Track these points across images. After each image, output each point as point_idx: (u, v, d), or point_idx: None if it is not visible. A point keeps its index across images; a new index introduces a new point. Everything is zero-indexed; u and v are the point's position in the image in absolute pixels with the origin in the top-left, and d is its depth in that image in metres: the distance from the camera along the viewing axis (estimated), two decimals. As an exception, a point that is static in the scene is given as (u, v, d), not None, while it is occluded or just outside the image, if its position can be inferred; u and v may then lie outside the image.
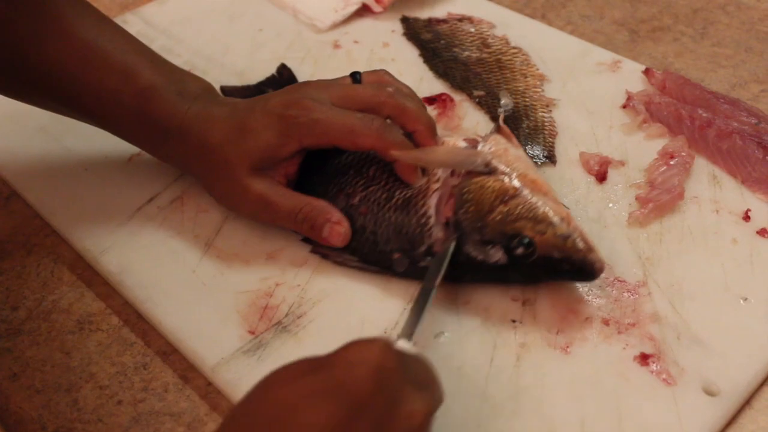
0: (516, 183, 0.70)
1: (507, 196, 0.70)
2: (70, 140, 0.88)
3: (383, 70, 0.80)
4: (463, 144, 0.76)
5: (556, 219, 0.68)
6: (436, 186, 0.72)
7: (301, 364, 0.54)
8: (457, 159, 0.73)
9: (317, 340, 0.69)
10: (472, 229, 0.69)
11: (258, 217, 0.77)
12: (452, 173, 0.73)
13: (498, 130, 0.77)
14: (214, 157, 0.75)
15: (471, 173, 0.72)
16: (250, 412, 0.52)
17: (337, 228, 0.74)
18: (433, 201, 0.72)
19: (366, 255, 0.73)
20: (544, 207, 0.69)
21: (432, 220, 0.71)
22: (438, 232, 0.71)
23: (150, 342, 0.72)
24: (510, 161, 0.72)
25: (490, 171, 0.71)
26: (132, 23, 1.06)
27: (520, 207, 0.69)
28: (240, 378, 0.66)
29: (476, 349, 0.68)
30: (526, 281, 0.71)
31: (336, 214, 0.74)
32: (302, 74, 0.96)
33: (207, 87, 0.79)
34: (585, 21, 1.05)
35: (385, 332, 0.69)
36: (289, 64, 0.97)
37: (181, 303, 0.72)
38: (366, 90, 0.76)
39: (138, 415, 0.67)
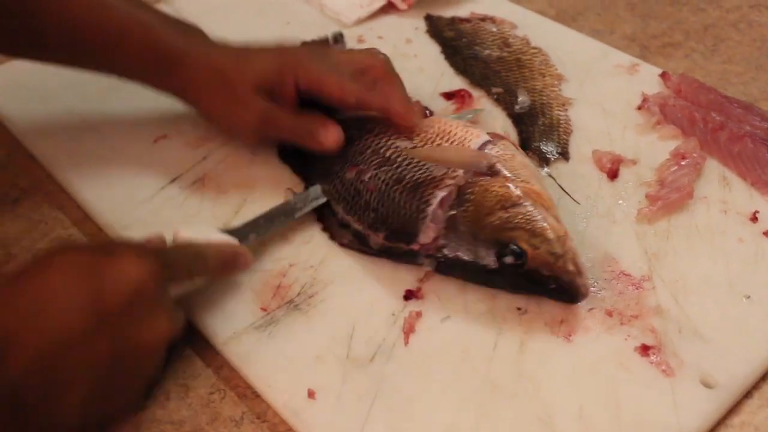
0: (520, 192, 0.70)
1: (509, 203, 0.70)
2: (98, 122, 0.90)
3: (376, 49, 0.86)
4: (485, 138, 0.76)
5: (552, 236, 0.68)
6: (451, 182, 0.72)
7: (80, 255, 0.60)
8: (462, 159, 0.74)
9: (327, 318, 0.70)
10: (467, 229, 0.70)
11: (258, 131, 0.82)
12: (468, 173, 0.73)
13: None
14: (218, 78, 0.80)
15: (477, 174, 0.72)
16: (19, 284, 0.58)
17: (331, 135, 0.80)
18: (441, 193, 0.72)
19: (364, 230, 0.75)
20: (544, 222, 0.69)
21: (430, 209, 0.71)
22: (430, 222, 0.71)
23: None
24: (515, 167, 0.73)
25: (493, 174, 0.72)
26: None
27: (520, 217, 0.69)
28: (250, 352, 0.68)
29: (481, 334, 0.69)
30: (511, 289, 0.71)
31: (331, 123, 0.81)
32: (326, 66, 0.97)
33: (203, 32, 0.84)
34: (596, 35, 1.05)
35: (392, 315, 0.70)
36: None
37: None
38: (357, 54, 0.84)
39: (139, 422, 0.66)
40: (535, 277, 0.68)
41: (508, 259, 0.68)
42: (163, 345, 0.63)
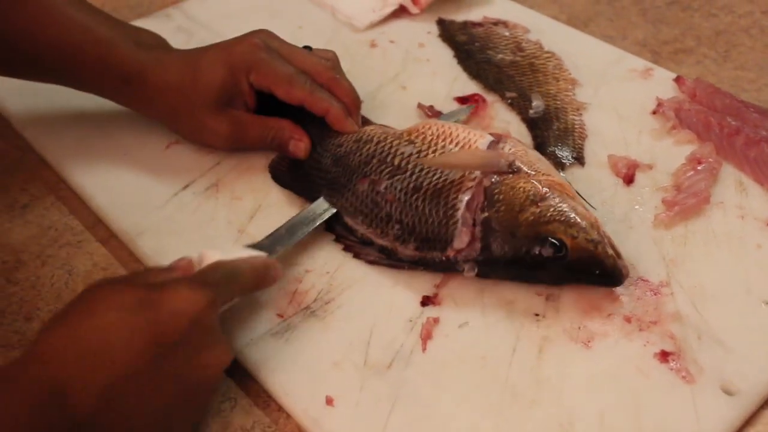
0: (545, 185, 0.71)
1: (538, 197, 0.71)
2: (110, 127, 0.90)
3: (333, 51, 0.88)
4: (489, 138, 0.77)
5: (586, 224, 0.69)
6: (471, 184, 0.73)
7: (128, 292, 0.59)
8: (480, 161, 0.74)
9: (343, 324, 0.70)
10: (503, 228, 0.70)
11: (231, 146, 0.85)
12: (485, 174, 0.73)
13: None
14: (174, 97, 0.82)
15: (500, 174, 0.73)
16: (70, 327, 0.57)
17: (300, 144, 0.82)
18: (465, 197, 0.72)
19: (391, 243, 0.74)
20: (575, 211, 0.70)
21: (459, 214, 0.71)
22: (461, 227, 0.71)
23: None
24: (532, 162, 0.74)
25: (514, 171, 0.73)
26: (174, 17, 1.09)
27: (552, 209, 0.70)
28: (267, 359, 0.68)
29: (500, 340, 0.69)
30: (554, 282, 0.72)
31: (298, 132, 0.83)
32: (338, 71, 0.97)
33: (162, 40, 0.86)
34: (607, 41, 1.05)
35: (410, 321, 0.70)
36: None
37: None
38: (310, 56, 0.84)
39: None
40: (578, 266, 0.69)
41: (550, 253, 0.69)
42: (221, 374, 0.64)
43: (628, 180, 0.83)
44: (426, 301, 0.72)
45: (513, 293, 0.72)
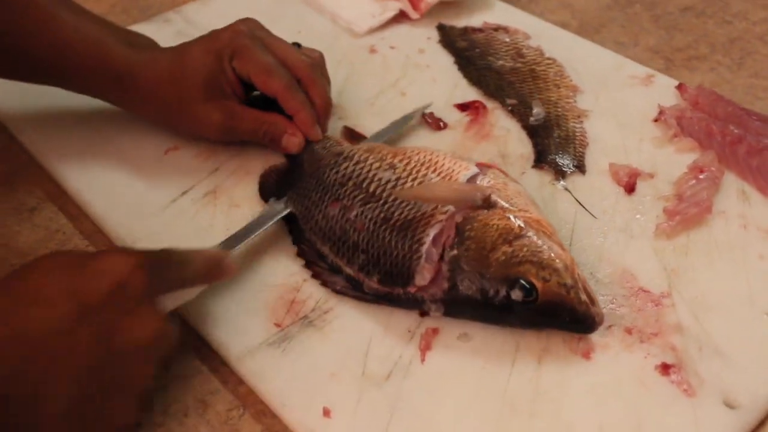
0: (521, 222, 0.69)
1: (512, 235, 0.68)
2: (109, 132, 0.90)
3: (320, 52, 0.89)
4: (474, 170, 0.75)
5: (561, 266, 0.67)
6: (441, 217, 0.70)
7: (63, 256, 0.63)
8: (455, 195, 0.72)
9: (341, 335, 0.70)
10: (472, 268, 0.68)
11: (224, 137, 0.86)
12: (459, 209, 0.71)
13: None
14: (165, 91, 0.83)
15: (474, 209, 0.70)
16: (11, 286, 0.59)
17: (293, 139, 0.83)
18: (433, 231, 0.70)
19: (356, 274, 0.73)
20: (550, 251, 0.67)
21: (424, 249, 0.69)
22: (424, 262, 0.69)
23: (170, 364, 0.69)
24: (510, 196, 0.72)
25: (490, 206, 0.70)
26: (174, 21, 1.09)
27: (525, 249, 0.67)
28: (264, 369, 0.67)
29: (499, 351, 0.68)
30: (522, 325, 0.69)
31: (291, 127, 0.83)
32: (338, 77, 0.97)
33: (153, 42, 0.89)
34: (619, 48, 1.05)
35: (409, 331, 0.70)
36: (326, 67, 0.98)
37: (210, 294, 0.73)
38: (293, 51, 0.85)
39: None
40: (548, 311, 0.66)
41: (519, 296, 0.66)
42: (152, 346, 0.62)
43: (630, 189, 0.82)
44: (426, 312, 0.71)
45: (513, 304, 0.72)
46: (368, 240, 0.72)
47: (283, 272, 0.75)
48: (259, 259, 0.77)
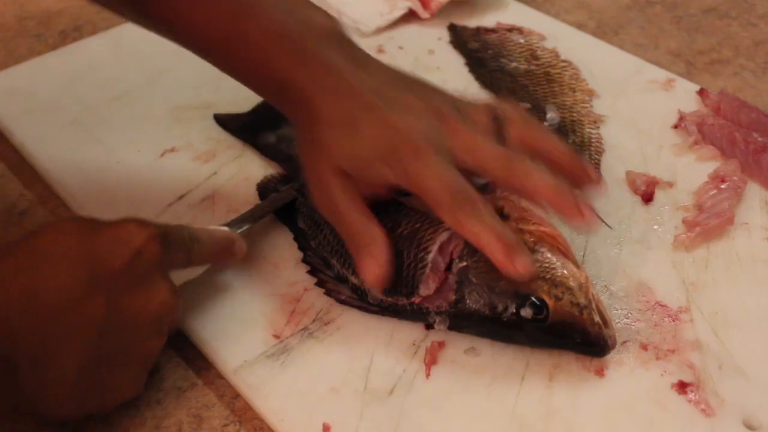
0: (534, 237, 0.68)
1: None
2: (102, 133, 0.90)
3: (533, 122, 0.74)
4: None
5: (574, 285, 0.65)
6: (448, 226, 0.68)
7: (72, 222, 0.62)
8: None
9: (343, 347, 0.69)
10: (481, 281, 0.67)
11: (322, 211, 0.71)
12: None
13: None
14: (315, 135, 0.69)
15: None
16: (10, 251, 0.58)
17: (374, 268, 0.67)
18: (440, 239, 0.68)
19: (361, 283, 0.70)
20: (563, 269, 0.66)
21: (430, 257, 0.68)
22: (429, 271, 0.67)
23: (165, 376, 0.69)
24: (523, 208, 0.70)
25: (502, 217, 0.68)
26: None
27: (538, 265, 0.66)
28: (262, 383, 0.66)
29: (508, 367, 0.67)
30: (531, 344, 0.68)
31: (384, 254, 0.67)
32: (344, 78, 0.96)
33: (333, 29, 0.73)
34: (638, 50, 1.04)
35: (413, 345, 0.69)
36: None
37: (206, 304, 0.72)
38: (499, 157, 0.68)
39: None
40: (559, 330, 0.65)
41: (529, 313, 0.65)
42: (163, 318, 0.63)
43: (647, 198, 0.81)
44: (430, 324, 0.70)
45: (523, 317, 0.71)
46: None
47: (283, 281, 0.74)
48: (258, 267, 0.76)
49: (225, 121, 0.91)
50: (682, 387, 0.65)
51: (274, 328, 0.70)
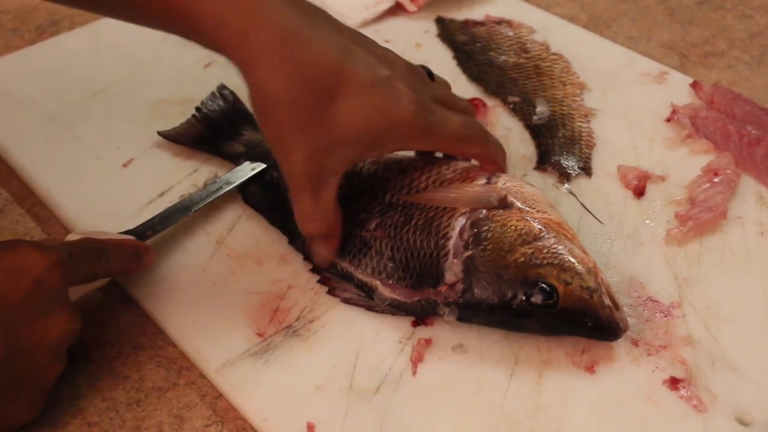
0: (540, 224, 0.69)
1: (531, 237, 0.68)
2: (81, 130, 0.91)
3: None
4: (484, 178, 0.75)
5: (583, 269, 0.67)
6: (464, 209, 0.71)
7: None
8: (469, 196, 0.72)
9: (328, 345, 0.70)
10: (489, 269, 0.68)
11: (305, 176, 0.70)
12: (478, 210, 0.71)
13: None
14: (276, 106, 0.67)
15: (490, 210, 0.71)
16: None
17: (323, 254, 0.74)
18: (458, 224, 0.70)
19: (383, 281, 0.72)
20: (572, 254, 0.68)
21: (451, 243, 0.70)
22: (452, 258, 0.69)
23: (144, 376, 0.70)
24: (527, 198, 0.72)
25: (506, 206, 0.71)
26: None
27: (545, 251, 0.67)
28: (245, 381, 0.67)
29: (496, 364, 0.68)
30: (541, 332, 0.69)
31: (332, 247, 0.74)
32: (329, 72, 0.97)
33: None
34: (631, 42, 1.05)
35: (400, 342, 0.70)
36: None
37: (188, 301, 0.73)
38: (461, 102, 0.79)
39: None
40: (569, 316, 0.66)
41: (539, 299, 0.66)
42: (63, 344, 0.63)
43: (639, 192, 0.82)
44: (418, 321, 0.71)
45: (512, 313, 0.72)
46: (392, 245, 0.72)
47: (266, 279, 0.75)
48: (240, 263, 0.77)
49: (173, 136, 0.89)
50: (674, 383, 0.67)
51: (258, 326, 0.71)
